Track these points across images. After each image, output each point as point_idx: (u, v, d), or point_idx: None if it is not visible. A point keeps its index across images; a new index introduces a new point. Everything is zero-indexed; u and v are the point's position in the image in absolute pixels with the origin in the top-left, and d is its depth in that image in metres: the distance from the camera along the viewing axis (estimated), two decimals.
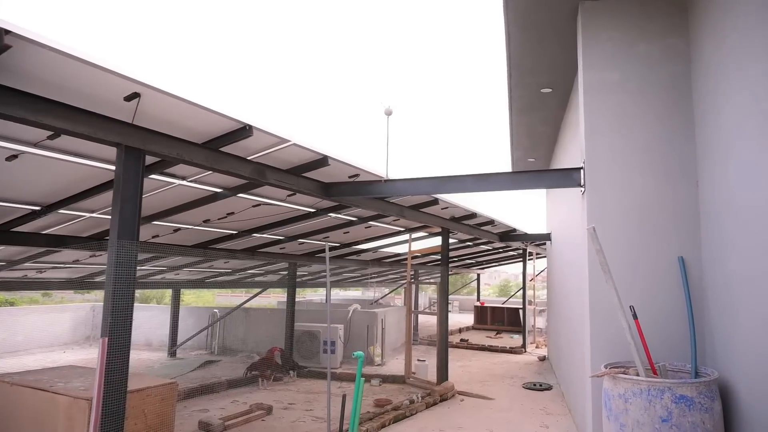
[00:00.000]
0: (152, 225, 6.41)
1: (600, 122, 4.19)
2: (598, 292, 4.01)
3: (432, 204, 7.31)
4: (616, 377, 3.36)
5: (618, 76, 4.19)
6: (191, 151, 3.90)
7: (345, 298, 22.85)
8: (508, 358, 11.89)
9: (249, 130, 3.98)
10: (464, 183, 4.76)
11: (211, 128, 4.03)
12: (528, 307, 13.99)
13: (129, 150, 3.46)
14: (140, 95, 3.36)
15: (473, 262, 17.48)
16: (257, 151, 4.53)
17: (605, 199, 4.11)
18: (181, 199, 5.65)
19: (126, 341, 3.38)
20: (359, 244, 10.21)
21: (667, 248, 3.93)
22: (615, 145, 4.14)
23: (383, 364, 10.58)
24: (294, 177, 4.97)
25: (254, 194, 5.77)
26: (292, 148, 4.54)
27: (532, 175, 4.59)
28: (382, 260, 13.36)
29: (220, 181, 5.24)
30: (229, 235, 7.71)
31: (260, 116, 4.04)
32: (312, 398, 7.71)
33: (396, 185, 5.11)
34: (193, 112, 3.71)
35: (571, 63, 5.67)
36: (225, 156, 4.20)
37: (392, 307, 13.73)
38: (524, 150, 9.53)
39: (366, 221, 8.06)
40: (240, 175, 4.34)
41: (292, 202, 6.42)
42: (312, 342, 10.37)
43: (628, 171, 4.08)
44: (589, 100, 4.23)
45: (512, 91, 6.56)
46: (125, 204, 3.40)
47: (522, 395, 8.01)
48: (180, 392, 7.31)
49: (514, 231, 11.07)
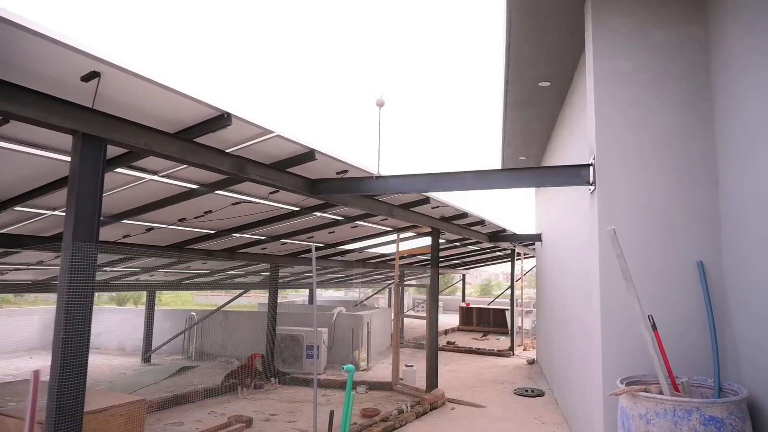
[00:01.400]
0: (122, 224, 5.92)
1: (612, 115, 3.87)
2: (611, 300, 3.68)
3: (423, 203, 6.95)
4: (636, 395, 3.03)
5: (631, 66, 3.87)
6: (162, 142, 3.46)
7: (328, 298, 22.37)
8: (497, 362, 11.61)
9: (227, 119, 3.55)
10: (463, 180, 4.40)
11: (185, 116, 3.59)
12: (515, 308, 13.75)
13: (88, 139, 3.01)
14: (100, 75, 2.91)
15: (459, 262, 17.20)
16: (237, 143, 4.10)
17: (617, 199, 3.79)
18: (154, 195, 5.19)
19: (82, 358, 2.94)
20: (345, 245, 9.81)
21: (684, 252, 3.62)
22: (628, 140, 3.82)
23: (369, 369, 10.20)
24: (277, 172, 4.55)
25: (233, 191, 5.33)
26: (276, 140, 4.12)
27: (537, 173, 4.25)
28: (368, 261, 12.97)
29: (195, 176, 4.79)
30: (206, 235, 7.24)
31: (240, 104, 3.63)
32: (295, 408, 7.28)
33: (388, 182, 4.72)
34: (164, 97, 3.27)
35: (572, 54, 5.37)
36: (200, 148, 3.76)
37: (378, 309, 13.35)
38: (515, 148, 9.24)
39: (353, 221, 7.66)
40: (217, 169, 3.91)
41: (274, 200, 6.00)
42: (294, 346, 9.93)
43: (642, 168, 3.76)
44: (600, 90, 3.90)
45: (508, 84, 6.23)
46: (83, 201, 2.95)
47: (514, 402, 7.71)
48: (152, 404, 6.82)
49: (503, 231, 10.79)
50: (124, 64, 2.86)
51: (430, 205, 7.19)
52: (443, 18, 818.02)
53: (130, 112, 3.33)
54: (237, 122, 3.67)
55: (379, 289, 20.82)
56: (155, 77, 3.05)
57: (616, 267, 3.69)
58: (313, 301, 18.33)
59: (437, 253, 8.22)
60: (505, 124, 7.88)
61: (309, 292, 18.08)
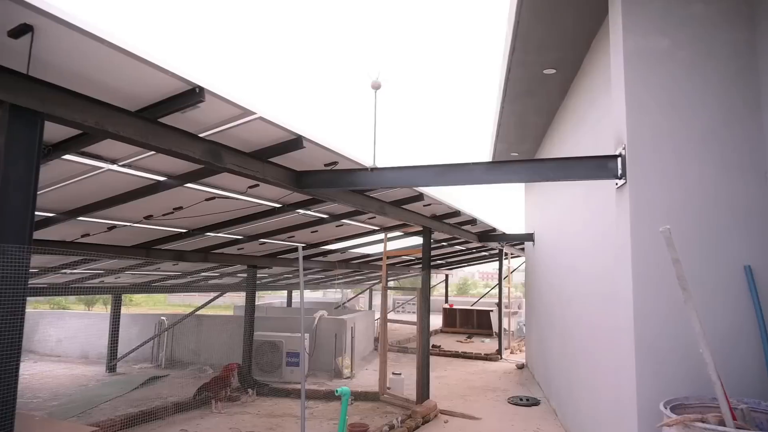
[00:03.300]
0: (79, 222, 5.22)
1: (645, 99, 3.39)
2: (647, 311, 3.21)
3: (415, 200, 6.42)
4: (690, 426, 2.55)
5: (667, 43, 3.41)
6: (118, 121, 2.83)
7: (306, 300, 21.63)
8: (485, 366, 11.16)
9: (200, 95, 2.94)
10: (471, 173, 3.88)
11: (149, 90, 2.97)
12: (502, 309, 13.34)
13: (18, 112, 2.37)
14: (33, 29, 2.28)
15: (444, 262, 16.76)
16: (211, 125, 3.49)
17: (650, 194, 3.32)
18: (114, 189, 4.52)
19: (10, 386, 2.31)
20: (328, 245, 9.21)
21: (729, 255, 3.17)
22: (663, 128, 3.35)
23: (353, 376, 9.62)
24: (258, 162, 3.95)
25: (207, 184, 4.71)
26: (258, 123, 3.52)
27: (558, 165, 3.75)
28: (350, 261, 12.38)
29: (162, 166, 4.15)
30: (177, 234, 6.56)
31: (216, 79, 3.02)
32: (275, 424, 6.66)
33: (385, 175, 4.16)
34: (121, 65, 2.65)
35: (585, 37, 4.91)
36: (167, 130, 3.14)
37: (361, 312, 12.78)
38: (509, 144, 8.80)
39: (338, 219, 7.08)
40: (188, 156, 3.29)
41: (254, 196, 5.38)
42: (273, 353, 9.27)
43: (680, 159, 3.30)
44: (631, 71, 3.43)
45: (510, 71, 5.74)
46: (11, 192, 2.32)
47: (510, 413, 7.24)
48: (116, 422, 6.13)
49: (493, 231, 10.35)
50: (67, 17, 2.24)
51: (423, 202, 6.67)
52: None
53: (76, 82, 2.69)
54: (212, 100, 3.06)
55: (362, 290, 20.23)
56: (110, 37, 2.43)
57: (653, 273, 3.23)
58: (291, 303, 17.57)
59: (429, 255, 7.70)
60: (500, 116, 7.41)
61: (287, 293, 17.36)
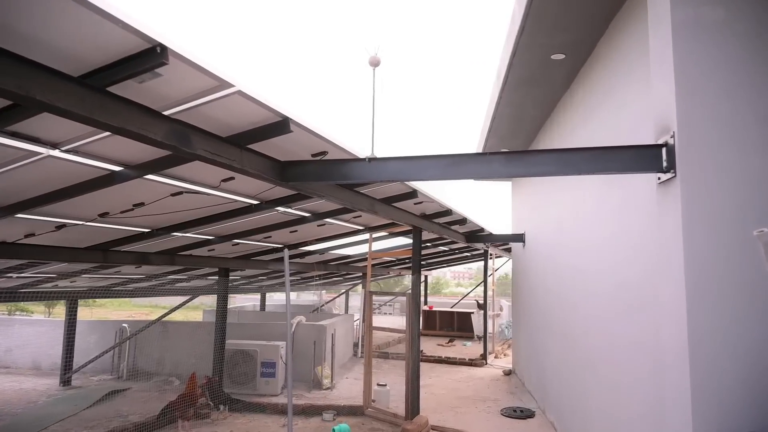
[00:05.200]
0: (18, 220, 4.44)
1: (698, 78, 2.89)
2: (704, 328, 2.70)
3: (408, 197, 5.85)
4: None
5: (723, 13, 2.92)
6: (52, 87, 2.13)
7: (279, 302, 20.79)
8: (471, 373, 10.68)
9: (162, 55, 2.27)
10: (490, 164, 3.32)
11: (92, 48, 2.28)
12: (481, 311, 12.90)
13: None
14: None
15: (424, 263, 16.24)
16: (178, 100, 2.82)
17: (707, 190, 2.81)
18: (60, 180, 3.78)
19: None
20: (308, 245, 8.54)
21: None
22: (719, 112, 2.86)
23: (333, 387, 8.97)
24: (236, 149, 3.28)
25: (173, 176, 4.01)
26: (236, 98, 2.87)
27: (592, 156, 3.22)
28: (329, 263, 11.72)
29: (117, 153, 3.45)
30: (139, 234, 5.80)
31: (185, 39, 2.36)
32: None
33: (386, 167, 3.54)
34: (55, 11, 1.97)
35: (603, 16, 4.42)
36: (119, 103, 2.44)
37: (340, 317, 12.12)
38: (500, 138, 8.31)
39: (321, 218, 6.44)
40: (147, 137, 2.59)
41: (228, 191, 4.70)
42: (247, 363, 8.55)
43: (741, 148, 2.81)
44: (680, 46, 2.92)
45: (515, 56, 5.22)
46: None
47: (505, 427, 6.74)
48: None
49: (481, 231, 9.87)
50: None
51: (415, 199, 6.10)
52: None
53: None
54: (177, 65, 2.40)
55: (338, 293, 19.55)
56: None
57: (712, 285, 2.72)
58: (265, 306, 16.67)
59: (419, 256, 7.13)
60: (496, 108, 6.90)
61: (260, 296, 16.53)
